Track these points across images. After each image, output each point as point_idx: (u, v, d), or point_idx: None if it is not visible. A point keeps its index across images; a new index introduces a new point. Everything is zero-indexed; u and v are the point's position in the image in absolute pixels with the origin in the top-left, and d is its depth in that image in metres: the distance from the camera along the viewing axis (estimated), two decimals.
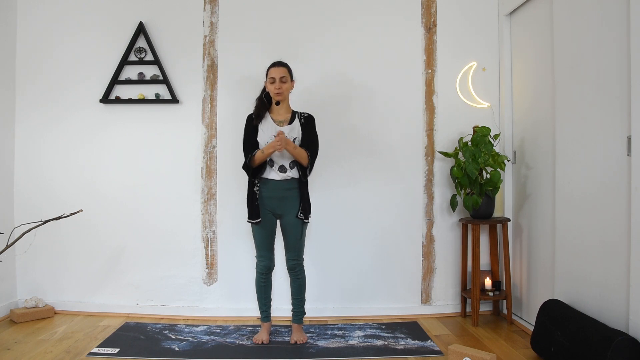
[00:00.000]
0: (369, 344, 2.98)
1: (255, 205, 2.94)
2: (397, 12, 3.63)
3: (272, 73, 2.93)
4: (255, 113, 2.98)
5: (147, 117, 3.61)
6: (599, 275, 2.48)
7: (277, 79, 2.91)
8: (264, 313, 3.07)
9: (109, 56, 3.60)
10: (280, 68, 2.94)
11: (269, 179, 2.94)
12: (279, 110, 3.00)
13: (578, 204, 2.65)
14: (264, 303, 3.06)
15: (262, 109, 2.99)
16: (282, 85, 2.91)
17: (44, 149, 3.64)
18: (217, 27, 3.61)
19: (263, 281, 3.02)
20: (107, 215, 3.60)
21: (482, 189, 3.34)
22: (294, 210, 2.95)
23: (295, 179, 2.96)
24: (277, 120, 2.98)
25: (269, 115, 2.99)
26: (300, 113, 3.04)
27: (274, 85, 2.91)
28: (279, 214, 2.97)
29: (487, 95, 3.65)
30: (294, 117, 3.01)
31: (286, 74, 2.94)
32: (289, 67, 3.00)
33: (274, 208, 2.96)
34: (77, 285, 3.61)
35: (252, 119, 2.99)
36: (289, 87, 2.99)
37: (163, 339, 3.06)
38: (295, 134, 2.95)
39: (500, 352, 2.82)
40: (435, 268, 3.62)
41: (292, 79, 3.01)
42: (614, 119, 2.36)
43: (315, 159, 3.00)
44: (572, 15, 2.71)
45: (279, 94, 2.92)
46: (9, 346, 2.90)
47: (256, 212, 2.94)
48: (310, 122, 3.02)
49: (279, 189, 2.94)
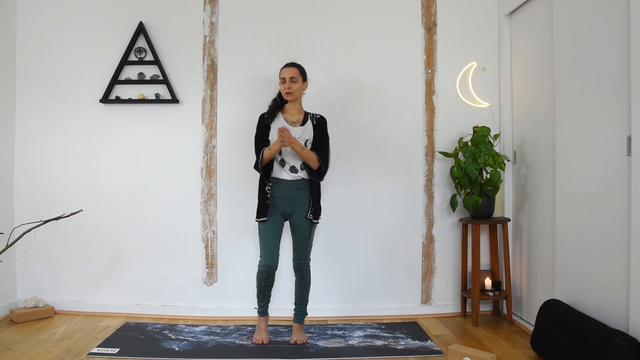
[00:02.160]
0: (369, 344, 2.98)
1: (265, 204, 2.95)
2: (397, 12, 3.63)
3: (283, 73, 2.97)
4: (267, 112, 3.01)
5: (147, 117, 3.61)
6: (599, 275, 2.48)
7: (287, 79, 2.94)
8: (261, 307, 3.05)
9: (109, 56, 3.60)
10: (290, 68, 2.97)
11: (281, 179, 2.95)
12: (291, 111, 3.02)
13: (578, 204, 2.66)
14: (263, 298, 3.04)
15: (275, 108, 3.02)
16: (292, 85, 2.94)
17: (44, 149, 3.64)
18: (217, 27, 3.61)
19: (264, 280, 2.99)
20: (107, 215, 3.60)
21: (482, 189, 3.34)
22: (303, 210, 2.97)
23: (306, 180, 2.97)
24: (289, 120, 3.00)
25: (281, 116, 3.02)
26: (312, 114, 3.06)
27: (284, 85, 2.95)
28: (289, 212, 2.98)
29: (487, 95, 3.65)
30: (307, 118, 3.03)
31: (297, 74, 2.96)
32: (300, 67, 3.02)
33: (284, 207, 2.96)
34: (77, 285, 3.61)
35: (264, 117, 3.01)
36: (300, 88, 3.00)
37: (163, 339, 3.06)
38: (308, 135, 2.97)
39: (500, 352, 2.82)
40: (435, 268, 3.62)
41: (304, 80, 3.03)
42: (614, 119, 2.36)
43: (328, 162, 2.99)
44: (572, 15, 2.72)
45: (288, 93, 2.95)
46: (9, 346, 2.90)
47: (265, 211, 2.94)
48: (322, 123, 3.04)
49: (290, 189, 2.95)
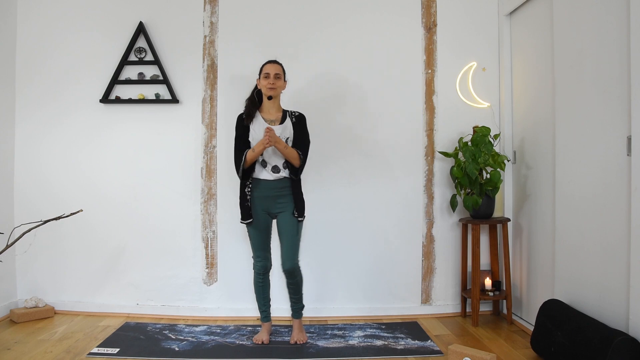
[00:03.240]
0: (369, 344, 2.98)
1: (246, 206, 2.94)
2: (397, 12, 3.63)
3: (267, 69, 2.95)
4: (245, 112, 2.98)
5: (147, 117, 3.61)
6: (599, 275, 2.48)
7: (272, 74, 2.92)
8: (263, 313, 3.07)
9: (109, 56, 3.60)
10: (275, 65, 2.97)
11: (261, 179, 2.93)
12: (270, 110, 3.00)
13: (578, 204, 2.65)
14: (263, 303, 3.06)
15: (253, 108, 2.99)
16: (275, 82, 2.93)
17: (44, 149, 3.64)
18: (217, 27, 3.61)
19: (261, 281, 3.03)
20: (107, 215, 3.60)
21: (482, 189, 3.34)
22: (288, 209, 2.95)
23: (288, 178, 2.96)
24: (268, 119, 2.97)
25: (259, 115, 2.99)
26: (291, 112, 3.04)
27: (267, 80, 2.92)
28: (274, 213, 2.97)
29: (487, 95, 3.65)
30: (285, 116, 3.01)
31: (280, 71, 2.97)
32: (283, 66, 3.02)
33: (268, 208, 2.95)
34: (77, 285, 3.61)
35: (242, 118, 2.99)
36: (282, 86, 3.00)
37: (163, 339, 3.06)
38: (288, 133, 2.95)
39: (500, 352, 2.82)
40: (435, 268, 3.62)
41: (285, 79, 3.03)
42: (614, 119, 2.36)
43: (306, 158, 2.99)
44: (572, 15, 2.71)
45: (271, 89, 2.92)
46: (9, 346, 2.90)
47: (248, 213, 2.94)
48: (301, 120, 3.02)
49: (271, 189, 2.93)
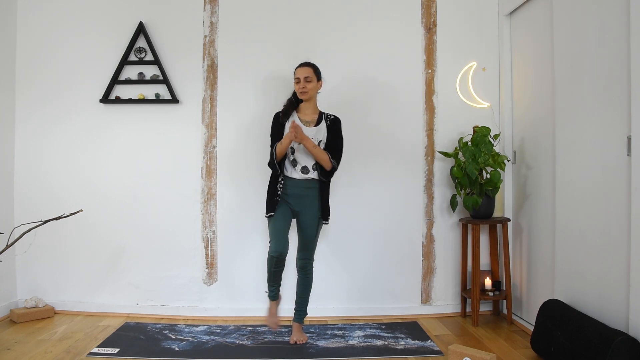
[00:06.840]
0: (369, 344, 2.98)
1: (275, 200, 2.96)
2: (397, 12, 3.63)
3: (297, 73, 2.99)
4: (282, 111, 3.03)
5: (147, 117, 3.61)
6: (599, 275, 2.48)
7: (302, 78, 2.97)
8: (272, 292, 2.99)
9: (109, 56, 3.60)
10: (304, 68, 2.99)
11: (290, 178, 2.98)
12: (306, 110, 3.04)
13: (578, 204, 2.65)
14: (273, 282, 2.97)
15: (290, 107, 3.04)
16: (306, 85, 2.96)
17: (44, 149, 3.64)
18: (217, 27, 3.61)
19: (274, 266, 2.89)
20: (108, 215, 3.60)
21: (482, 189, 3.34)
22: (312, 210, 2.98)
23: (316, 180, 2.99)
24: (303, 120, 3.02)
25: (296, 115, 3.03)
26: (327, 114, 3.07)
27: (298, 85, 2.98)
28: (297, 211, 2.99)
29: (487, 95, 3.65)
30: (321, 118, 3.04)
31: (311, 74, 2.98)
32: (315, 67, 3.03)
33: (293, 204, 2.98)
34: (77, 285, 3.61)
35: (278, 116, 3.03)
36: (315, 87, 3.01)
37: (163, 339, 3.06)
38: (321, 136, 2.98)
39: (500, 352, 2.82)
40: (435, 268, 3.62)
41: (319, 79, 3.04)
42: (614, 119, 2.36)
43: (339, 162, 3.01)
44: (572, 16, 2.72)
45: (303, 92, 2.97)
46: (9, 346, 2.90)
47: (274, 207, 2.96)
48: (335, 124, 3.05)
49: (299, 187, 2.97)
